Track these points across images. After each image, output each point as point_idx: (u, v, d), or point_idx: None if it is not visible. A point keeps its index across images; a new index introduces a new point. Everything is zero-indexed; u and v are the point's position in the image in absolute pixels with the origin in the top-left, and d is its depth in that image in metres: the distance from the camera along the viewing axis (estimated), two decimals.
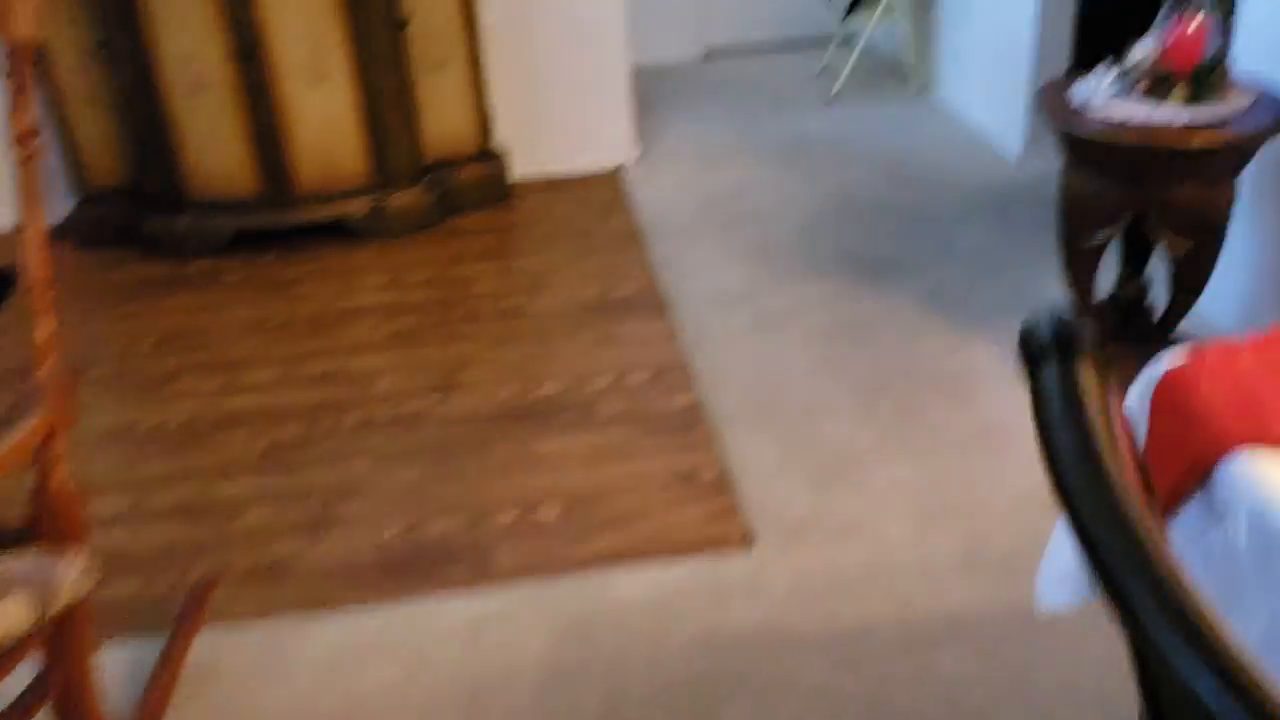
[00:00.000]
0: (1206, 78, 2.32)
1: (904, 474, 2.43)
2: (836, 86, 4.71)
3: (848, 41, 4.91)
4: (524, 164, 4.04)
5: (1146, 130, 2.30)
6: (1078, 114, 2.40)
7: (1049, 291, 3.09)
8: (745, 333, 3.02)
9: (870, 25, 4.64)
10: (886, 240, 3.47)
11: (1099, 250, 2.52)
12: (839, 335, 2.97)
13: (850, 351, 2.90)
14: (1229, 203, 2.39)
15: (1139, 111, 2.34)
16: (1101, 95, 2.40)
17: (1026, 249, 3.36)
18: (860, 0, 4.52)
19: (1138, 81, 2.38)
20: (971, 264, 3.29)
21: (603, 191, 3.98)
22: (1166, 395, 1.23)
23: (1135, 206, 2.41)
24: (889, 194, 3.80)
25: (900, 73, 4.92)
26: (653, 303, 3.21)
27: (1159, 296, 2.65)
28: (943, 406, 2.65)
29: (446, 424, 2.70)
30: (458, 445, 2.61)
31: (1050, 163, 4.06)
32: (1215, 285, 2.50)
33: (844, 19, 4.61)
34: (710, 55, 5.39)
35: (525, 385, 2.84)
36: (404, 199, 3.62)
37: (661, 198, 3.88)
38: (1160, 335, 2.61)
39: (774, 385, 2.78)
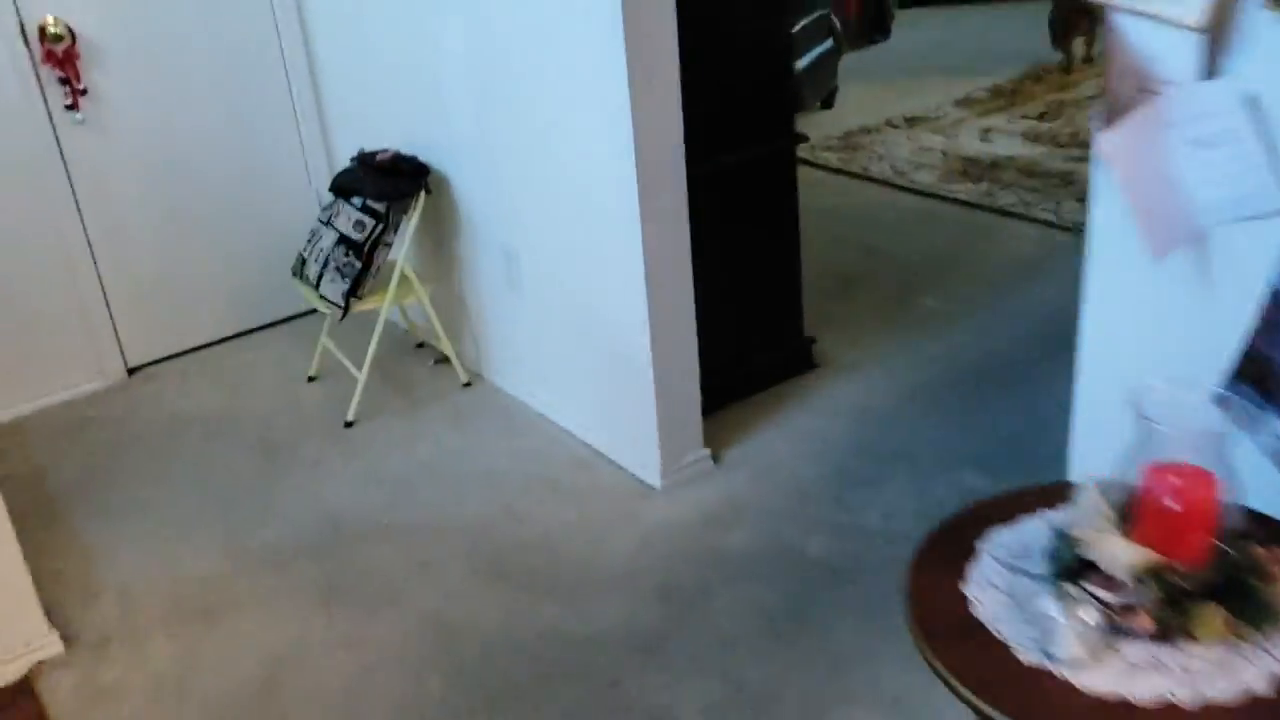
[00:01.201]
0: (1251, 588, 1.24)
1: None
2: (353, 409, 3.19)
3: (329, 324, 3.39)
4: None
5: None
6: (1035, 683, 1.21)
7: None
8: None
9: (385, 310, 3.19)
10: None
11: None
12: None
13: None
14: None
15: (1159, 681, 1.20)
16: (1068, 639, 1.23)
17: (782, 696, 2.12)
18: (362, 280, 3.06)
19: (1127, 607, 1.24)
20: None
21: None
22: None
23: None
24: (516, 616, 2.38)
25: (427, 355, 3.53)
26: None
27: None
28: None
29: None
30: None
31: (705, 486, 2.75)
32: None
33: (343, 310, 3.09)
34: (135, 374, 3.59)
35: None
36: None
37: None
38: None
39: None
